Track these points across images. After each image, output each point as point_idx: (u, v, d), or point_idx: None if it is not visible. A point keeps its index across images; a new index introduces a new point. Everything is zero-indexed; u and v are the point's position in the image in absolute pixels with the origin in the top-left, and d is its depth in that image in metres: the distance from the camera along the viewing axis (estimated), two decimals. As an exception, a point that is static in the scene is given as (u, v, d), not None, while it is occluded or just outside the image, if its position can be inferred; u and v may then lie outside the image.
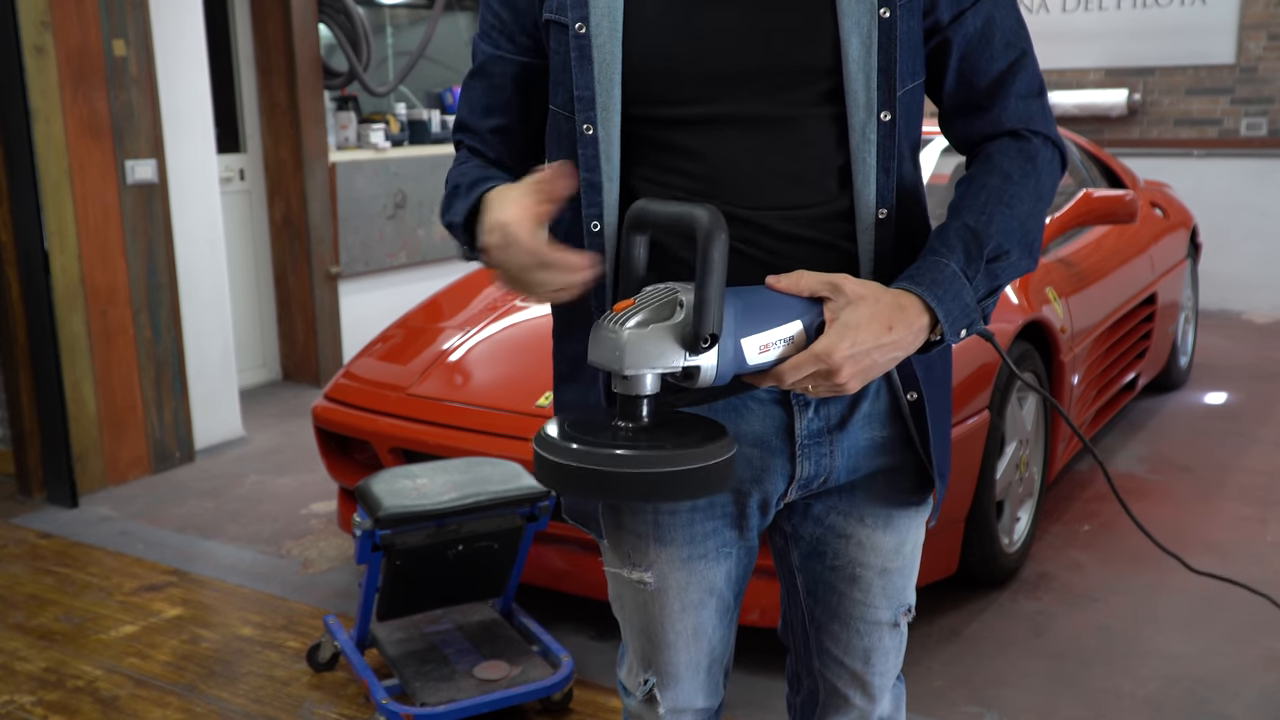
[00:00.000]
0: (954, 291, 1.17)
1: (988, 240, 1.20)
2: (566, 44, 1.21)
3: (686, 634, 1.40)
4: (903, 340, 1.14)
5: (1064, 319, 3.38)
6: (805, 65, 1.19)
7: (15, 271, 3.83)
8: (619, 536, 1.38)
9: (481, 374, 3.11)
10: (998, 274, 1.21)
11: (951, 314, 1.16)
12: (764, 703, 2.54)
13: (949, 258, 1.18)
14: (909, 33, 1.21)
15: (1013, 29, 1.26)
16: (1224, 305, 6.82)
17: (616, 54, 1.20)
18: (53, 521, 3.78)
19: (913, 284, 1.16)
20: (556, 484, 1.11)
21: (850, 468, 1.33)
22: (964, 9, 1.24)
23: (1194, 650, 2.79)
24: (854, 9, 1.18)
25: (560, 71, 1.23)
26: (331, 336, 5.44)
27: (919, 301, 1.15)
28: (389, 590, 2.49)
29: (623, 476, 1.07)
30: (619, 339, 1.08)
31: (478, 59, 1.33)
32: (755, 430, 1.30)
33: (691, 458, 1.08)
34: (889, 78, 1.19)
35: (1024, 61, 1.26)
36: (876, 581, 1.39)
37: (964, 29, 1.24)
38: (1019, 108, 1.26)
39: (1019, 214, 1.22)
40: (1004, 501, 3.10)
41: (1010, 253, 1.21)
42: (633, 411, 1.11)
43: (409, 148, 5.80)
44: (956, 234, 1.20)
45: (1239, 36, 6.68)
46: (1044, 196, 1.26)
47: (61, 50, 3.78)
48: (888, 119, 1.20)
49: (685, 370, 1.09)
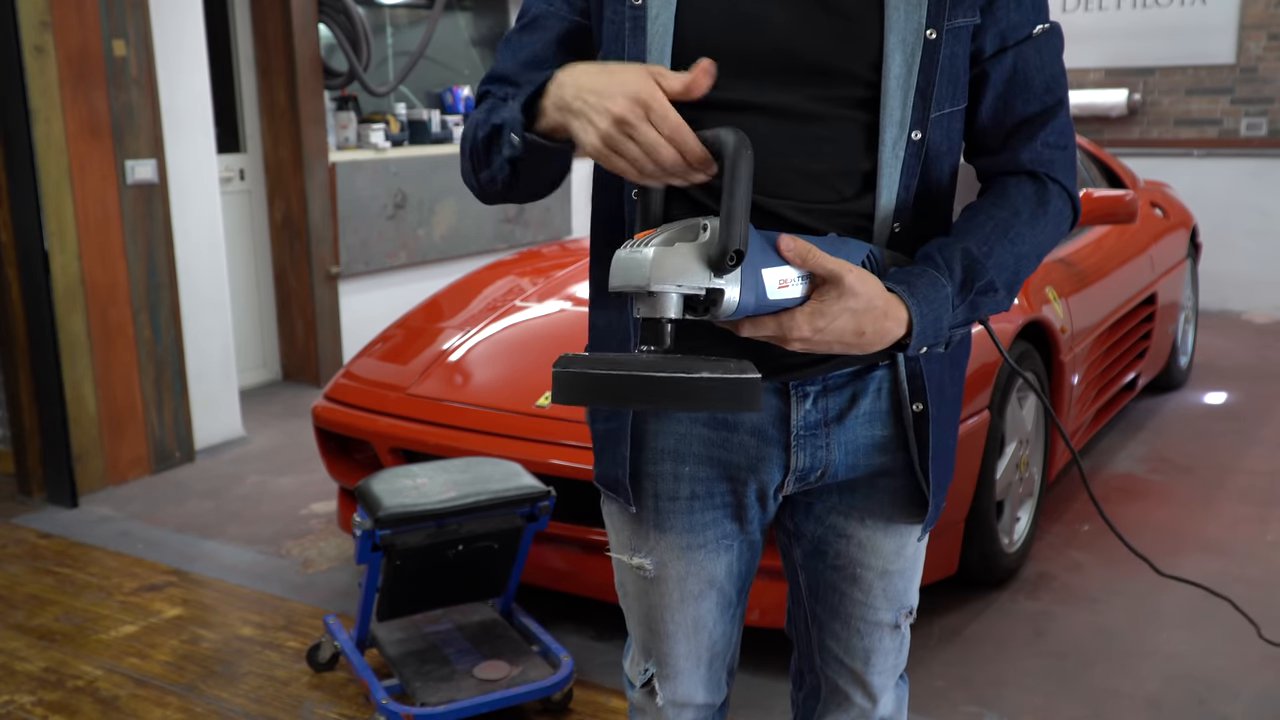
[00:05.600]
0: (937, 314, 1.17)
1: (982, 274, 1.20)
2: (623, 14, 1.23)
3: (686, 625, 1.42)
4: (868, 344, 1.14)
5: (1064, 319, 3.38)
6: (844, 69, 1.20)
7: (15, 271, 3.83)
8: (621, 521, 1.41)
9: (481, 374, 3.11)
10: (978, 306, 1.22)
11: (925, 333, 1.17)
12: (766, 703, 2.54)
13: (947, 280, 1.18)
14: (952, 58, 1.21)
15: (1053, 77, 1.27)
16: (1224, 305, 6.82)
17: (669, 29, 1.22)
18: (53, 521, 3.78)
19: (910, 294, 1.16)
20: (579, 395, 1.07)
21: (850, 464, 1.33)
22: (1006, 46, 1.25)
23: (1194, 650, 2.79)
24: (902, 25, 1.19)
25: (612, 41, 1.25)
26: (331, 336, 5.44)
27: (905, 314, 1.15)
28: (389, 590, 2.49)
29: (652, 380, 1.04)
30: (644, 255, 1.06)
31: (528, 14, 1.34)
32: (752, 419, 1.31)
33: (723, 368, 1.05)
34: (925, 98, 1.20)
35: (1057, 111, 1.27)
36: (877, 583, 1.40)
37: (1003, 66, 1.25)
38: (1043, 154, 1.27)
39: (1017, 252, 1.23)
40: (1004, 501, 3.10)
41: (998, 291, 1.22)
42: (656, 335, 1.08)
43: (409, 148, 5.80)
44: (960, 257, 1.20)
45: (1239, 36, 6.68)
46: (1044, 243, 1.27)
47: (61, 50, 3.78)
48: (918, 138, 1.21)
49: (709, 294, 1.07)
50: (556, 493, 2.58)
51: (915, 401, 1.30)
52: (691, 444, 1.34)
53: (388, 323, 3.67)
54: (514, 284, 3.65)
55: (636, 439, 1.36)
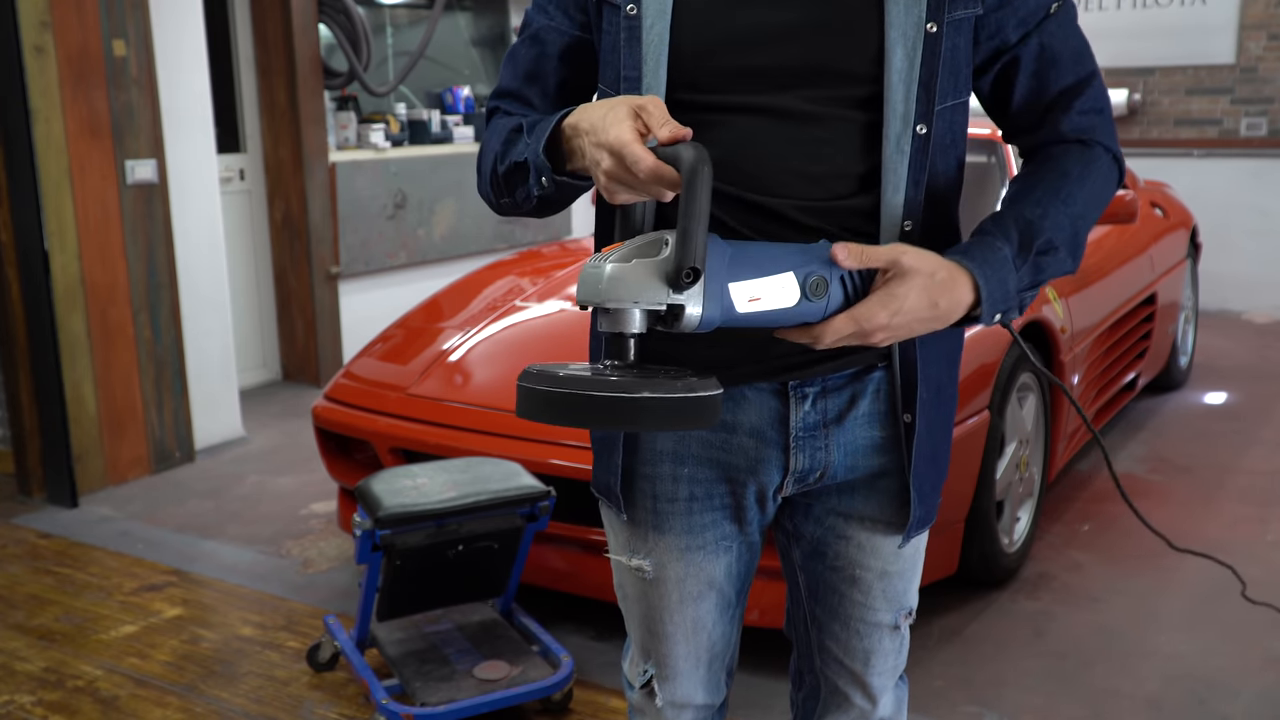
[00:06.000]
0: (1001, 276, 1.18)
1: (1040, 233, 1.21)
2: (618, 24, 1.24)
3: (685, 626, 1.42)
4: (945, 315, 1.15)
5: (1064, 319, 3.38)
6: (843, 70, 1.21)
7: (15, 271, 3.83)
8: (620, 523, 1.42)
9: (481, 374, 3.11)
10: (1043, 268, 1.22)
11: (994, 296, 1.17)
12: (766, 703, 2.54)
13: (1003, 243, 1.19)
14: (953, 50, 1.22)
15: (1080, 47, 1.29)
16: (1224, 305, 6.82)
17: (664, 38, 1.23)
18: (53, 521, 3.78)
19: (967, 259, 1.17)
20: (534, 411, 1.09)
21: (849, 466, 1.33)
22: (1029, 30, 1.26)
23: (1194, 650, 2.79)
24: (902, 20, 1.19)
25: (610, 51, 1.26)
26: (331, 336, 5.44)
27: (969, 279, 1.16)
28: (389, 590, 2.49)
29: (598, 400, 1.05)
30: (601, 272, 1.08)
31: (530, 28, 1.35)
32: (751, 420, 1.31)
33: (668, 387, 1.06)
34: (929, 91, 1.20)
35: (1092, 80, 1.29)
36: (876, 584, 1.39)
37: (1030, 48, 1.26)
38: (1082, 121, 1.28)
39: (1072, 212, 1.24)
40: (1004, 501, 3.10)
41: (1059, 249, 1.23)
42: (619, 350, 1.10)
43: (409, 148, 5.80)
44: (1013, 221, 1.21)
45: (1239, 36, 6.68)
46: (1097, 201, 1.28)
47: (61, 50, 3.78)
48: (923, 132, 1.21)
49: (670, 309, 1.08)
50: (556, 493, 2.58)
51: (905, 412, 1.30)
52: (690, 445, 1.34)
53: (388, 323, 3.67)
54: (514, 284, 3.65)
55: (634, 441, 1.36)
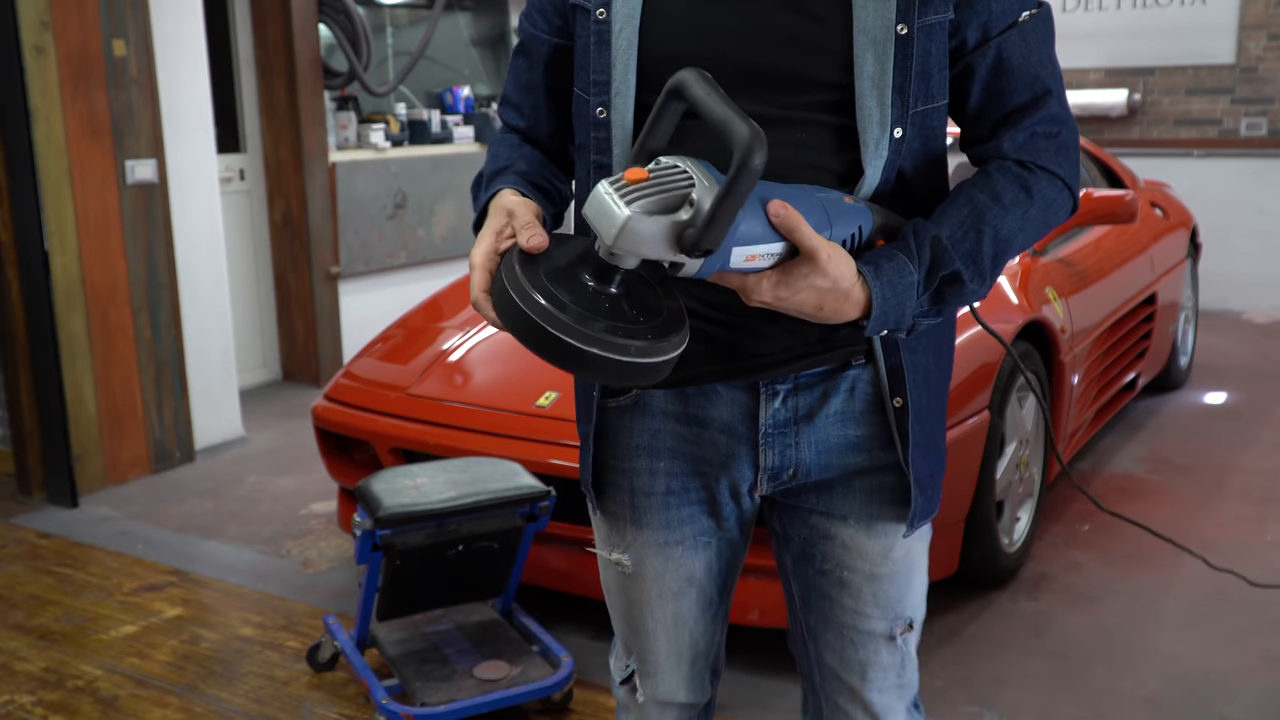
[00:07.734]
0: (900, 300, 1.16)
1: (948, 264, 1.18)
2: (589, 29, 1.26)
3: (666, 622, 1.44)
4: (826, 319, 1.15)
5: (1064, 319, 3.38)
6: (811, 76, 1.20)
7: (15, 271, 3.83)
8: (600, 517, 1.45)
9: (481, 374, 3.11)
10: (945, 298, 1.20)
11: (886, 318, 1.16)
12: (765, 703, 2.54)
13: (915, 267, 1.17)
14: (925, 56, 1.20)
15: (1040, 64, 1.24)
16: (1224, 305, 6.82)
17: (633, 42, 1.24)
18: (53, 521, 3.78)
19: (877, 277, 1.15)
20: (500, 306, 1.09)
21: (822, 464, 1.33)
22: (989, 37, 1.22)
23: (1194, 650, 2.79)
24: (870, 24, 1.18)
25: (582, 55, 1.28)
26: (331, 336, 5.44)
27: (867, 299, 1.15)
28: (389, 590, 2.49)
29: (549, 337, 1.04)
30: (619, 216, 1.03)
31: (520, 36, 1.40)
32: (723, 416, 1.33)
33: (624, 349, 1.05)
34: (903, 95, 1.19)
35: (1045, 100, 1.24)
36: (866, 587, 1.37)
37: (987, 58, 1.23)
38: (1029, 143, 1.24)
39: (995, 238, 1.21)
40: (1004, 501, 3.10)
41: (964, 283, 1.20)
42: (607, 276, 1.09)
43: (409, 148, 5.80)
44: (930, 244, 1.19)
45: (1239, 36, 6.68)
46: (1031, 229, 1.24)
47: (61, 50, 3.78)
48: (900, 135, 1.20)
49: (671, 264, 1.08)
50: (556, 493, 2.58)
51: (895, 396, 1.29)
52: (665, 439, 1.36)
53: (388, 323, 3.66)
54: (514, 284, 3.64)
55: (613, 436, 1.39)
